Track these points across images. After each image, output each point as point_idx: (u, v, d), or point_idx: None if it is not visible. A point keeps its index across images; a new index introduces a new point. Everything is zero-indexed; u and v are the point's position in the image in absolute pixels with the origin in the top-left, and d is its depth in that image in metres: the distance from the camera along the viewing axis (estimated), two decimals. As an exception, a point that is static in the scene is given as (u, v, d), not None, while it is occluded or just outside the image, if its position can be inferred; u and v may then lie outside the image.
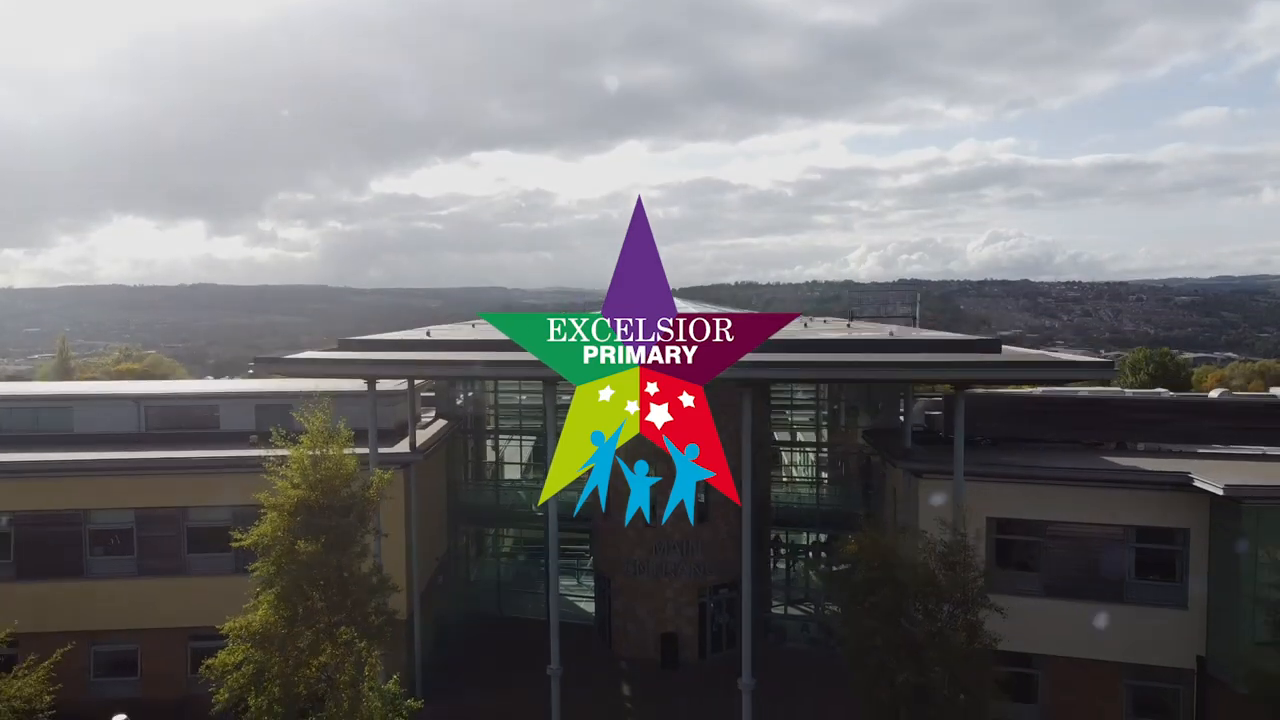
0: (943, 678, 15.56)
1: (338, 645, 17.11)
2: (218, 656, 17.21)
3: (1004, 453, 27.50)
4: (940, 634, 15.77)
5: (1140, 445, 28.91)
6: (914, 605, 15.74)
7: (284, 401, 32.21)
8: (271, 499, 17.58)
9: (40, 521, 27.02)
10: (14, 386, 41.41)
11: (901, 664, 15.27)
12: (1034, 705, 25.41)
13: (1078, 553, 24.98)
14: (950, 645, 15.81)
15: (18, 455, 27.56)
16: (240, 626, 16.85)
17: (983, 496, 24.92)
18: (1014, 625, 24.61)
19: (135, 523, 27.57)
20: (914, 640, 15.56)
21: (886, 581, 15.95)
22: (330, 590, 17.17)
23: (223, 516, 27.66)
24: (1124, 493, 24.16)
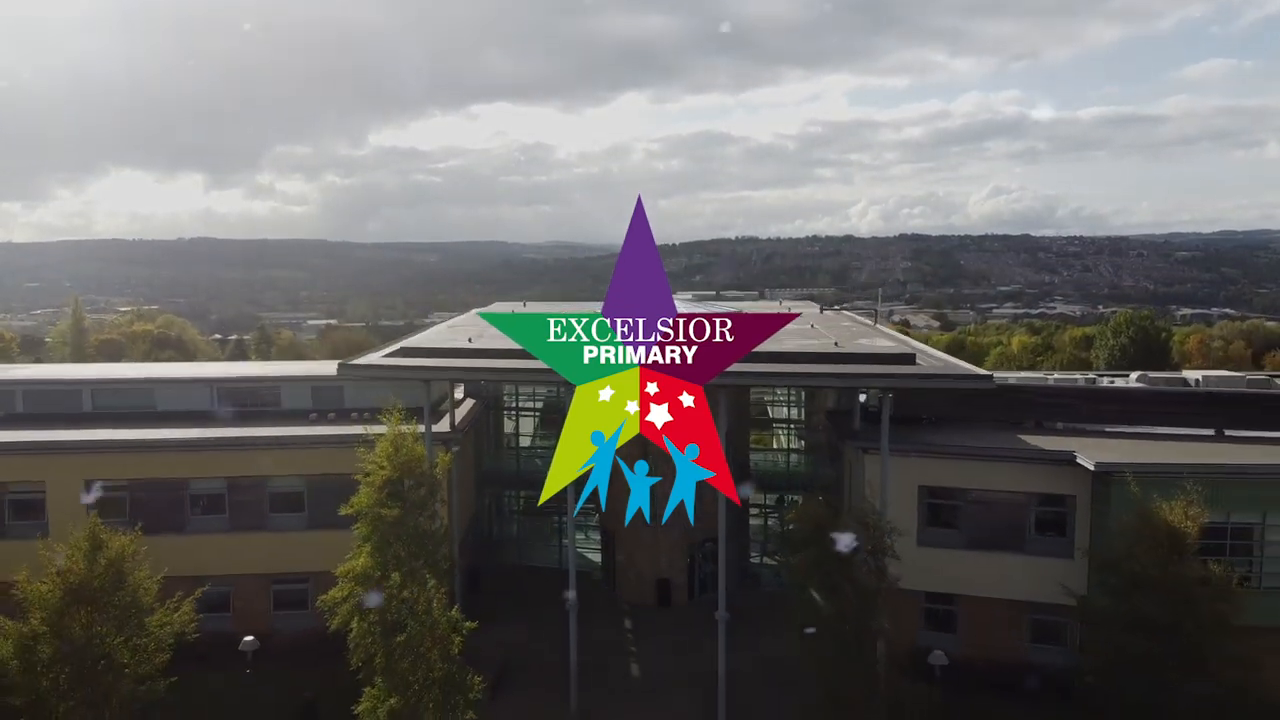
0: (855, 608, 22.09)
1: (416, 584, 23.64)
2: (329, 593, 23.77)
3: (939, 431, 33.74)
4: (854, 577, 22.26)
5: (1059, 424, 35.32)
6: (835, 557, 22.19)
7: (336, 384, 38.80)
8: (365, 477, 23.97)
9: (151, 488, 33.50)
10: (102, 369, 47.89)
11: (824, 599, 21.81)
12: (954, 635, 32.10)
13: (991, 513, 31.50)
14: (861, 585, 22.33)
15: (131, 433, 34.06)
16: (347, 571, 23.42)
17: (916, 468, 31.38)
18: (940, 571, 31.49)
19: (226, 489, 34.15)
20: (834, 581, 22.06)
21: (816, 539, 22.45)
22: (410, 543, 23.66)
23: (297, 484, 34.39)
24: (1025, 466, 30.63)
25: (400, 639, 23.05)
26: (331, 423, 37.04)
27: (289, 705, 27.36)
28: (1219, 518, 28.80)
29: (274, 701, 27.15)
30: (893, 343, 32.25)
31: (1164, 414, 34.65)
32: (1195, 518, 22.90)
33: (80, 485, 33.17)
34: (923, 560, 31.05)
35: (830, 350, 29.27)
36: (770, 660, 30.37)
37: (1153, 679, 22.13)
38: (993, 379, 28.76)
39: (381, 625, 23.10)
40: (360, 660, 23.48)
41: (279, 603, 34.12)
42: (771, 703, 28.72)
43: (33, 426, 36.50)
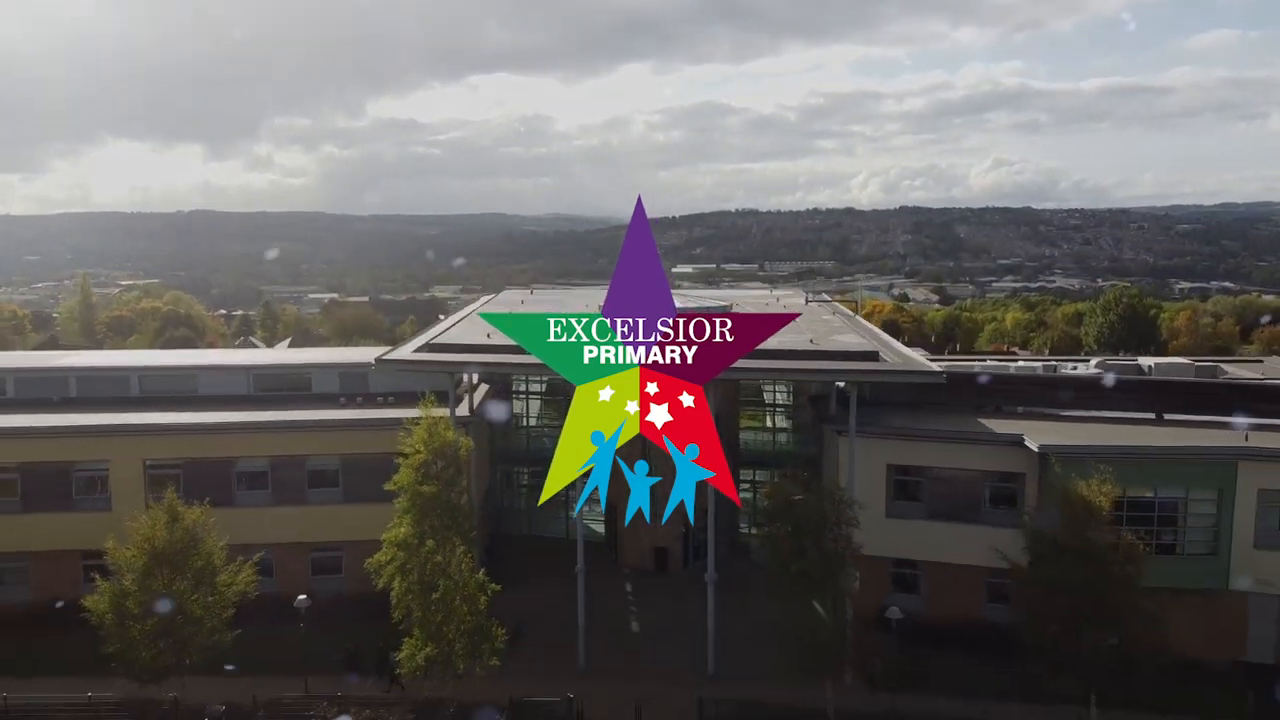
0: (820, 569, 26.44)
1: (447, 549, 27.96)
2: (374, 557, 28.09)
3: (910, 415, 37.88)
4: (817, 543, 26.58)
5: (1019, 409, 39.50)
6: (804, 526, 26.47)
7: (361, 370, 43.11)
8: (404, 459, 28.21)
9: (202, 466, 37.71)
10: (148, 355, 52.13)
11: (793, 558, 26.16)
12: (918, 595, 36.51)
13: (951, 488, 35.78)
14: (826, 550, 26.66)
15: (185, 417, 38.32)
16: (390, 539, 27.75)
17: (885, 449, 35.64)
18: (905, 540, 35.78)
19: (269, 467, 38.43)
20: (802, 546, 26.39)
21: (787, 512, 26.75)
22: (443, 515, 27.97)
23: (333, 463, 38.69)
24: (980, 447, 34.89)
25: (435, 596, 27.43)
26: (359, 406, 41.33)
27: (335, 655, 31.71)
28: (1147, 493, 33.37)
29: (321, 652, 31.47)
30: (862, 340, 36.22)
31: (1112, 400, 38.85)
32: (1108, 493, 27.09)
33: (140, 464, 37.64)
34: (890, 530, 35.56)
35: (805, 348, 33.37)
36: (754, 618, 34.70)
37: (1072, 632, 26.44)
38: (943, 376, 32.75)
39: (420, 585, 27.45)
40: (401, 614, 27.90)
41: (316, 569, 38.47)
42: (753, 652, 33.07)
43: (87, 410, 40.72)
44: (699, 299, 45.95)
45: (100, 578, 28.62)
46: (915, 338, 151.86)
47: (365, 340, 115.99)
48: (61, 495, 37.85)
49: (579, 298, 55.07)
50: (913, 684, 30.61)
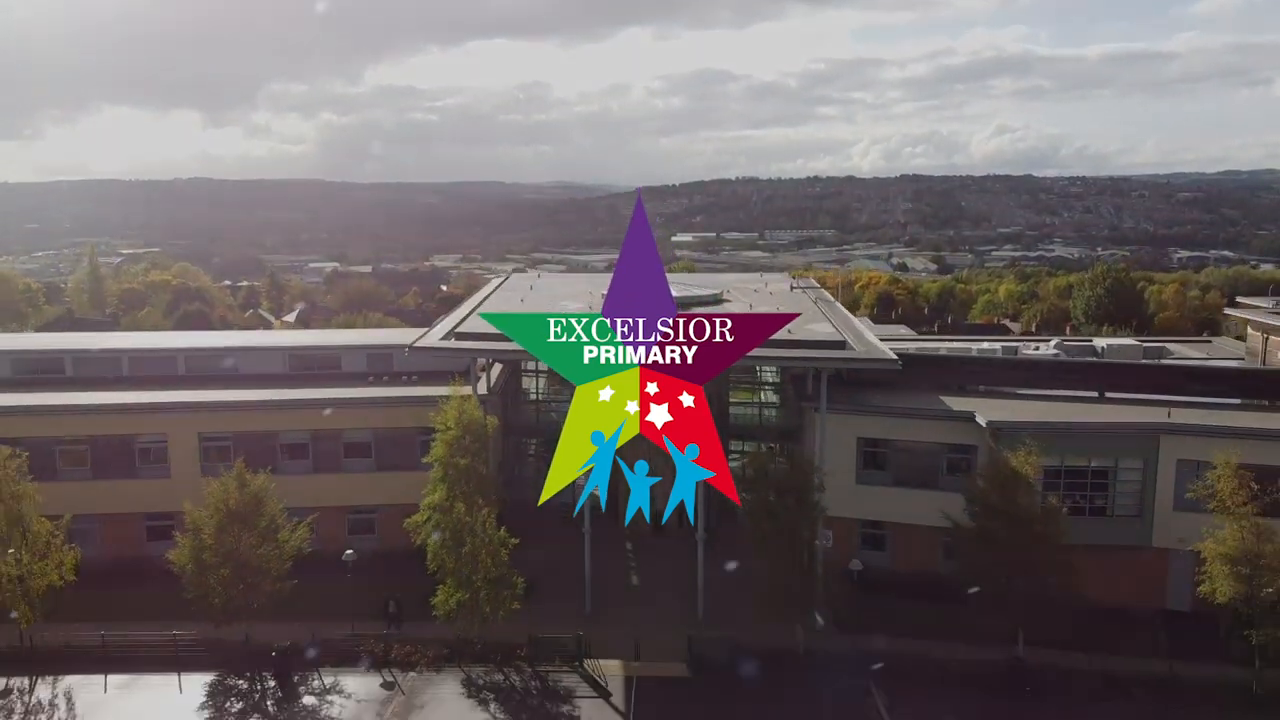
0: (790, 527, 31.84)
1: (475, 511, 33.27)
2: (412, 518, 33.45)
3: (881, 393, 42.87)
4: (788, 506, 31.95)
5: (980, 387, 44.65)
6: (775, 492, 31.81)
7: (386, 351, 48.41)
8: (441, 433, 33.46)
9: (249, 438, 42.93)
10: (193, 337, 57.32)
11: (768, 519, 31.55)
12: (884, 553, 41.88)
13: (912, 459, 41.03)
14: (794, 511, 32.05)
15: (234, 394, 43.49)
16: (427, 503, 33.10)
17: (855, 423, 40.83)
18: (873, 503, 41.09)
19: (310, 439, 43.71)
20: (773, 507, 31.76)
21: (762, 480, 32.11)
22: (471, 482, 33.28)
23: (366, 435, 43.95)
24: (938, 422, 40.12)
25: (465, 550, 32.82)
26: (386, 384, 46.54)
27: (375, 602, 37.08)
28: (1082, 462, 38.67)
29: (364, 599, 36.80)
30: (833, 329, 41.21)
31: (1061, 380, 44.08)
32: (1034, 463, 32.37)
33: (195, 436, 42.94)
34: (860, 495, 40.91)
35: (782, 337, 38.40)
36: (739, 573, 40.19)
37: (1000, 581, 31.82)
38: (899, 362, 37.76)
39: (452, 540, 32.84)
40: (435, 566, 33.33)
41: (352, 529, 43.80)
42: (736, 600, 38.45)
43: (140, 388, 45.90)
44: (688, 287, 50.66)
45: (178, 534, 33.94)
46: (909, 309, 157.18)
47: (371, 312, 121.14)
48: (126, 464, 43.14)
49: (585, 281, 59.89)
50: (874, 626, 36.00)
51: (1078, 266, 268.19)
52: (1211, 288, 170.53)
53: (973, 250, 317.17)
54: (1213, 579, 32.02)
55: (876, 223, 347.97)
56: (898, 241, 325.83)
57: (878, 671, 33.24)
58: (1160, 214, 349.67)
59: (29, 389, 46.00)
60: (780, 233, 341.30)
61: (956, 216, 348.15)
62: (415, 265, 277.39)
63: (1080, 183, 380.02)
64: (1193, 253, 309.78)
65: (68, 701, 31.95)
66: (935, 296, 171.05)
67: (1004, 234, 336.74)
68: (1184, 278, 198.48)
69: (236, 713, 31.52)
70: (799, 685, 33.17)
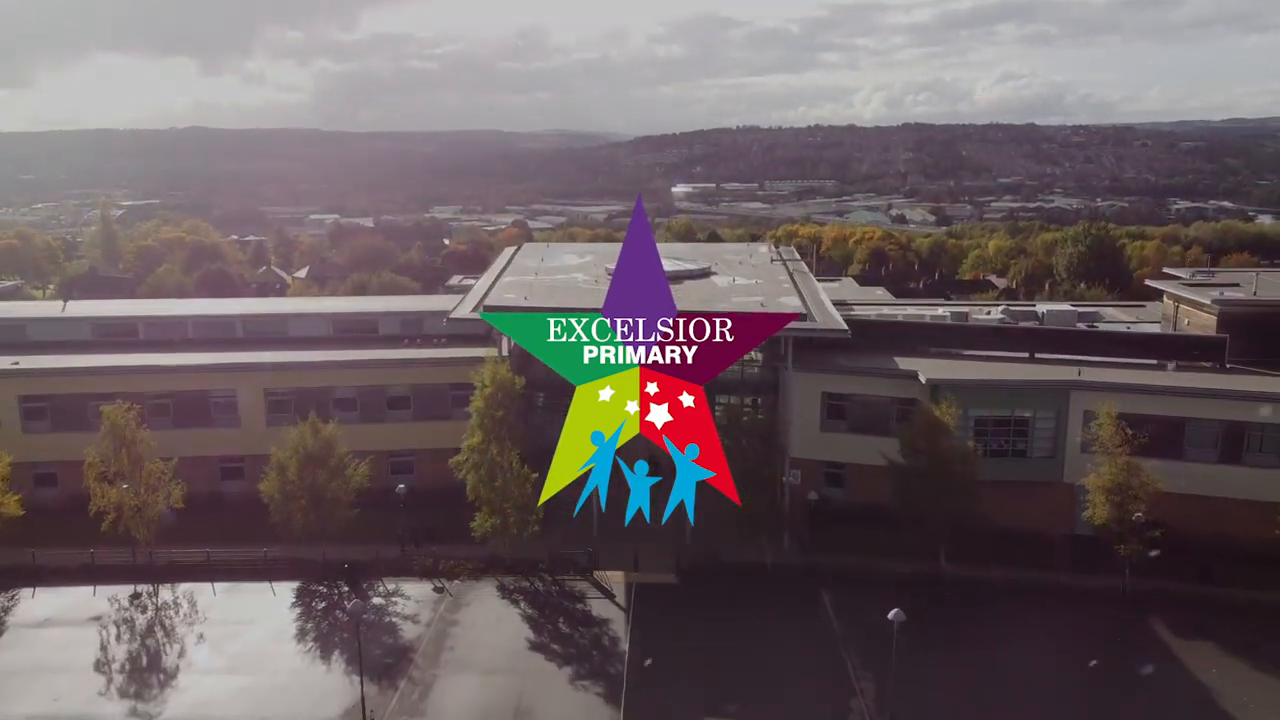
0: (756, 464, 40.82)
1: (505, 452, 42.15)
2: (455, 458, 42.36)
3: (846, 355, 51.40)
4: (754, 447, 40.87)
5: (931, 349, 53.29)
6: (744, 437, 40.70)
7: (417, 316, 57.16)
8: (479, 389, 42.21)
9: (305, 394, 51.64)
10: (246, 303, 66.01)
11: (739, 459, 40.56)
12: (843, 489, 50.82)
13: (867, 410, 49.77)
14: (757, 450, 40.99)
15: (293, 355, 52.20)
16: (468, 445, 42.00)
17: (820, 380, 49.49)
18: (834, 447, 49.95)
19: (357, 394, 52.47)
20: (745, 448, 40.69)
21: (735, 427, 40.98)
22: (504, 429, 42.13)
23: (405, 390, 52.74)
24: (888, 379, 48.82)
25: (497, 484, 41.78)
26: (418, 346, 55.19)
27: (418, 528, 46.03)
28: (1006, 412, 47.47)
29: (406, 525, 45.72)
30: (799, 303, 49.66)
31: (999, 342, 52.74)
32: (952, 413, 41.16)
33: (261, 392, 51.72)
34: (823, 440, 49.72)
35: (756, 310, 47.06)
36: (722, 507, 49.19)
37: (924, 510, 40.74)
38: (848, 332, 46.30)
39: (487, 476, 41.78)
40: (474, 496, 42.29)
41: (394, 470, 52.70)
42: (717, 526, 47.40)
43: (205, 350, 54.63)
44: (680, 262, 58.64)
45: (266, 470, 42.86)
46: (900, 265, 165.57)
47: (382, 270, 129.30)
48: (202, 416, 51.97)
49: (591, 250, 68.00)
50: (828, 547, 45.01)
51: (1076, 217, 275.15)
52: (1197, 242, 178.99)
53: (972, 201, 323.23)
54: (1094, 506, 40.97)
55: (877, 173, 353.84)
56: (897, 192, 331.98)
57: (828, 580, 42.35)
58: (1162, 164, 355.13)
59: (111, 350, 54.76)
60: (780, 183, 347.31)
61: (957, 166, 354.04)
62: (416, 217, 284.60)
63: (1083, 131, 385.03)
64: (1192, 203, 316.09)
65: (189, 601, 41.15)
66: (927, 252, 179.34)
67: (1004, 184, 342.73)
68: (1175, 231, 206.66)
69: (322, 610, 40.68)
70: (766, 591, 42.25)
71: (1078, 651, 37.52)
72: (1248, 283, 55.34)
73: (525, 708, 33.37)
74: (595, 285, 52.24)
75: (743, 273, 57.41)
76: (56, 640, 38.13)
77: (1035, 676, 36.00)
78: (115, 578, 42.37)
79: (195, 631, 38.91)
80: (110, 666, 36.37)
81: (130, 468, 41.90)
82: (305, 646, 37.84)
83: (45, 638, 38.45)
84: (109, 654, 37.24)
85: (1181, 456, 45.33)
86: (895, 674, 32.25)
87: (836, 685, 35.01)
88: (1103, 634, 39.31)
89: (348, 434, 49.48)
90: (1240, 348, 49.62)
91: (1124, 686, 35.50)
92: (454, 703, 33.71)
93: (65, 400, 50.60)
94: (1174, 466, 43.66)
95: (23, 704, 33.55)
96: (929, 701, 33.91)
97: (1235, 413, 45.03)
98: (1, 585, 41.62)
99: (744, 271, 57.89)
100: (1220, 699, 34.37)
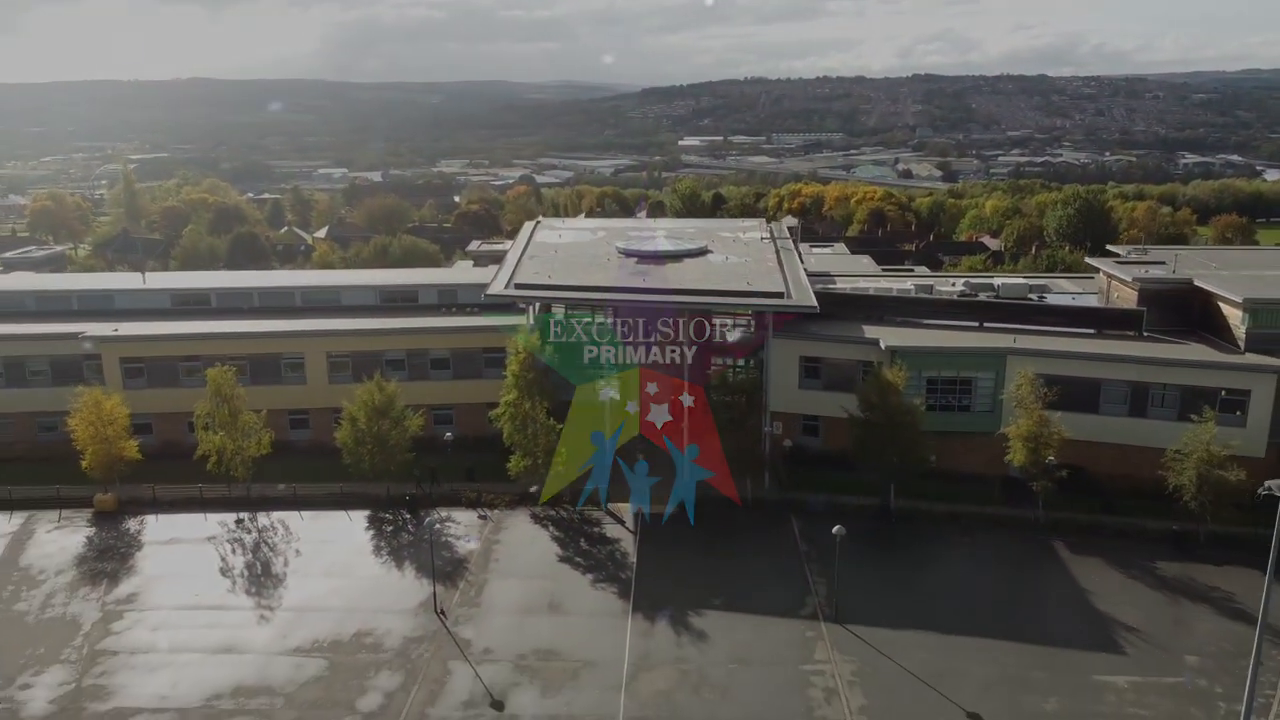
0: (741, 416, 51.58)
1: (536, 406, 52.94)
2: (494, 411, 53.25)
3: (821, 324, 61.83)
4: (737, 401, 51.64)
5: (897, 319, 63.70)
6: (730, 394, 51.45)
7: (452, 288, 67.91)
8: (514, 355, 52.91)
9: (361, 357, 62.41)
10: (304, 276, 76.69)
11: (726, 410, 51.35)
12: (818, 438, 61.63)
13: (837, 371, 60.35)
14: (742, 404, 51.75)
15: (349, 323, 62.97)
16: (505, 401, 52.86)
17: (797, 346, 60.06)
18: (810, 402, 60.86)
19: (405, 356, 63.23)
20: (729, 403, 51.39)
21: (723, 386, 51.73)
22: (535, 387, 52.90)
23: (445, 353, 63.54)
24: (855, 345, 59.30)
25: (529, 432, 52.66)
26: (454, 314, 65.83)
27: (461, 469, 57.02)
28: (953, 374, 58.06)
29: (453, 467, 56.68)
30: (780, 281, 59.86)
31: (953, 313, 63.21)
32: (902, 375, 51.78)
33: (324, 355, 62.54)
34: (801, 396, 60.42)
35: (740, 288, 57.54)
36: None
37: (875, 454, 51.53)
38: (817, 308, 56.68)
39: (521, 425, 52.64)
40: (510, 443, 53.19)
41: (436, 421, 63.57)
42: (712, 470, 58.44)
43: (270, 317, 65.43)
44: (679, 242, 68.71)
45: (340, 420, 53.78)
46: (898, 225, 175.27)
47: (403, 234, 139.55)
48: (274, 375, 62.80)
49: (604, 226, 78.15)
50: (801, 485, 55.90)
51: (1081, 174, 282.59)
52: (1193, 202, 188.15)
53: (980, 155, 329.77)
54: (1014, 451, 51.70)
55: (885, 125, 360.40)
56: (905, 145, 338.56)
57: (799, 511, 53.31)
58: (1173, 116, 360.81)
59: (187, 318, 65.59)
60: (788, 136, 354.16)
61: (966, 119, 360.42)
62: (424, 172, 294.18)
63: (1094, 83, 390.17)
64: (1201, 157, 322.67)
65: (282, 525, 52.40)
66: (926, 212, 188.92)
67: (1013, 137, 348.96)
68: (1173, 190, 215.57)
69: (390, 531, 51.86)
70: (747, 519, 53.15)
71: (992, 564, 48.69)
72: (1172, 261, 65.42)
73: (557, 602, 44.55)
74: (608, 263, 62.31)
75: (735, 250, 67.64)
76: (184, 554, 49.49)
77: (954, 581, 47.21)
78: (220, 507, 53.73)
79: (292, 548, 50.18)
80: (231, 572, 47.68)
81: (230, 419, 52.80)
82: (381, 559, 49.11)
83: (175, 552, 49.84)
84: (228, 564, 48.54)
85: (1098, 411, 56.03)
86: (838, 575, 43.30)
87: (797, 586, 46.04)
88: (1015, 553, 50.29)
89: (398, 391, 60.80)
90: (1156, 319, 60.08)
91: (1024, 588, 46.58)
92: (502, 598, 44.89)
93: (158, 361, 61.57)
94: (1091, 419, 54.70)
95: (173, 598, 44.89)
96: (868, 597, 44.85)
97: (1140, 374, 55.58)
98: (131, 512, 52.98)
99: (736, 249, 68.09)
100: (1098, 600, 45.23)
